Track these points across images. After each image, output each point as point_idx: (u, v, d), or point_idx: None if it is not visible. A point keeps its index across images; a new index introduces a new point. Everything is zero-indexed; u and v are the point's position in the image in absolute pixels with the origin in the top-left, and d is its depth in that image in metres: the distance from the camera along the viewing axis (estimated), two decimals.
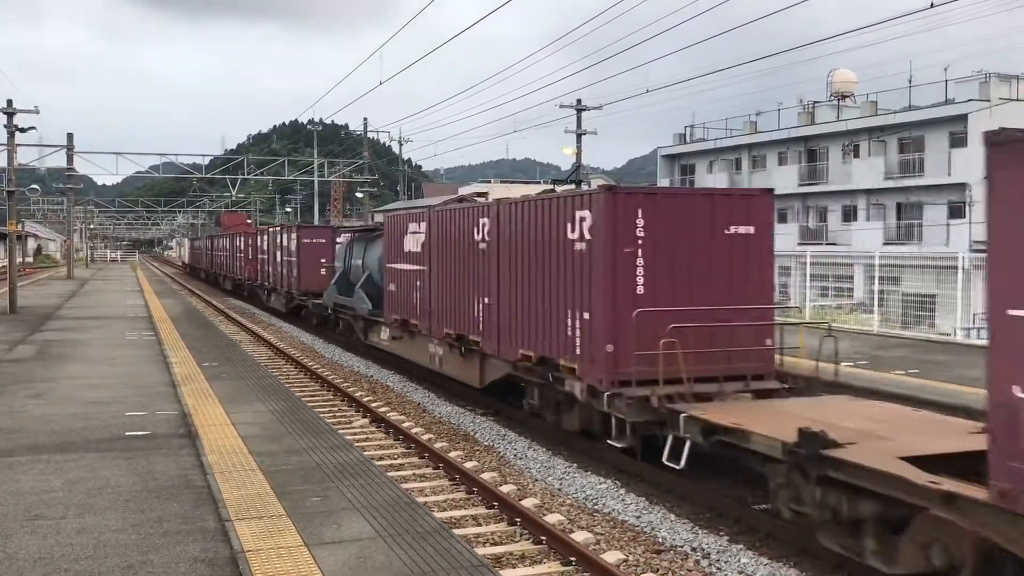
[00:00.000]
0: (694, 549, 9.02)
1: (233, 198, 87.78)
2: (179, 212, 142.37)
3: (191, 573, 6.26)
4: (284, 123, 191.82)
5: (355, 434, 13.78)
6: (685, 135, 62.77)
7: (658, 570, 8.47)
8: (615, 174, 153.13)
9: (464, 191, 47.05)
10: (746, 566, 8.51)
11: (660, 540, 9.32)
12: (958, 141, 42.88)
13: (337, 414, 15.56)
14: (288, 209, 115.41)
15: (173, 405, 12.61)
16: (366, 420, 15.11)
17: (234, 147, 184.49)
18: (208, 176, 71.76)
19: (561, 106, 41.85)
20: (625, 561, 8.63)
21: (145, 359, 17.53)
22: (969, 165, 39.44)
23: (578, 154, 41.82)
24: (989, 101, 42.18)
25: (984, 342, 7.67)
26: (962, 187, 41.34)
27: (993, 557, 6.67)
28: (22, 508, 7.76)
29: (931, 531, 7.03)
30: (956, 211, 42.01)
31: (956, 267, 24.49)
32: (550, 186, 23.30)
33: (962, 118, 42.49)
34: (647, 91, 53.93)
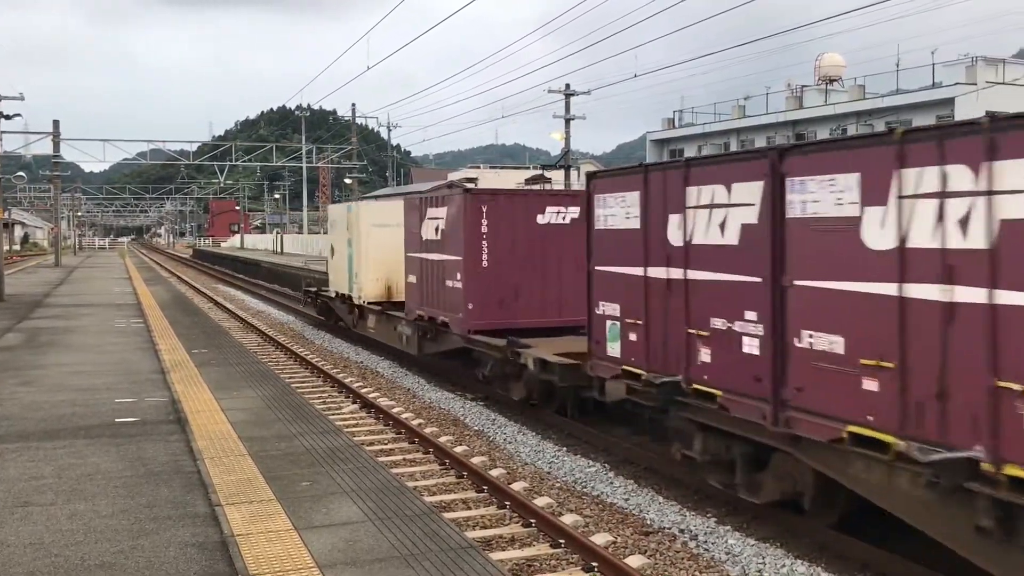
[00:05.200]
0: (682, 531, 9.09)
1: (221, 185, 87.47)
2: (167, 199, 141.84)
3: (182, 557, 6.30)
4: (272, 109, 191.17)
5: (345, 420, 13.81)
6: (674, 120, 62.75)
7: (646, 551, 8.55)
8: (604, 159, 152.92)
9: (453, 177, 46.93)
10: (733, 547, 8.60)
11: (648, 522, 9.40)
12: None
13: (327, 400, 15.58)
14: (276, 196, 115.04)
15: (163, 391, 12.61)
16: (356, 406, 15.14)
17: (222, 133, 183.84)
18: (196, 163, 71.50)
19: (550, 91, 41.80)
20: (614, 543, 8.71)
21: (134, 346, 17.50)
22: None
23: (567, 139, 41.80)
24: (975, 85, 42.32)
25: None
26: None
27: None
28: (12, 495, 7.77)
29: None
30: None
31: None
32: (539, 171, 23.40)
33: (949, 102, 42.62)
34: (635, 76, 53.88)
